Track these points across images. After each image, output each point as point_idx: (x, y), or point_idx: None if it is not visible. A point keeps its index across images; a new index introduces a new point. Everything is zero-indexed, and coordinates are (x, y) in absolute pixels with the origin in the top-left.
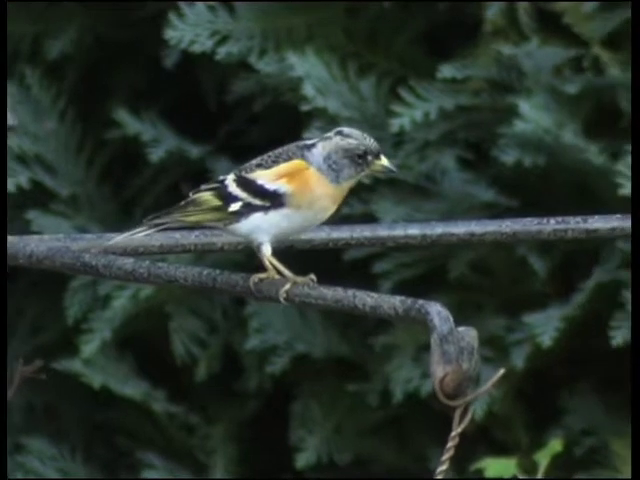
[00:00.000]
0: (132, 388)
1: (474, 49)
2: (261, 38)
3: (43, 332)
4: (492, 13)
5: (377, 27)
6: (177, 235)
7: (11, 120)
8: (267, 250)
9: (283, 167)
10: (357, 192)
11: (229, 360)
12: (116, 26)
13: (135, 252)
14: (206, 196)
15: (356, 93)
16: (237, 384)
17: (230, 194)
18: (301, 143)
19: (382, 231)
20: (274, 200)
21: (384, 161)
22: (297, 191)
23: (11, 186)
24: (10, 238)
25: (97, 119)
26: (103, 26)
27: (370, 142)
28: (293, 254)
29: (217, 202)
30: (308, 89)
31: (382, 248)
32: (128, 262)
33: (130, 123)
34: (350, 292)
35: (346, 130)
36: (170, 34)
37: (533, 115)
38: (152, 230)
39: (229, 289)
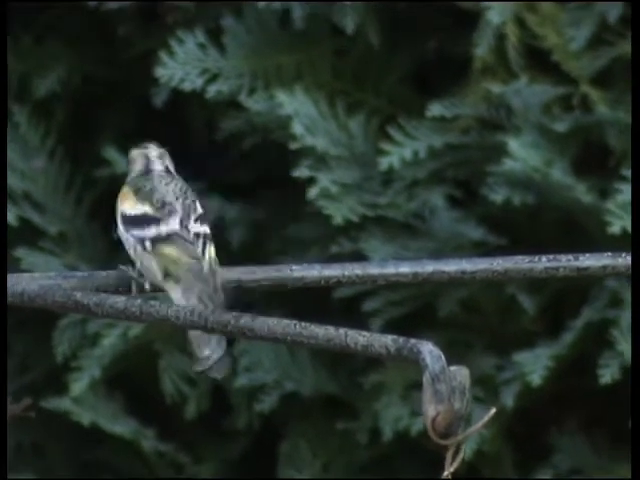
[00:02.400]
0: (121, 426)
1: (463, 87)
2: (250, 76)
3: (32, 370)
4: (481, 51)
5: (366, 65)
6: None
7: None
8: None
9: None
10: (346, 230)
11: (218, 398)
12: (104, 65)
13: (127, 290)
14: (212, 248)
15: (345, 131)
16: (226, 422)
17: (211, 237)
18: (157, 173)
19: (373, 269)
20: None
21: None
22: None
23: None
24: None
25: (86, 157)
26: (91, 65)
27: None
28: (284, 292)
29: (213, 250)
30: (297, 127)
31: (372, 286)
32: (120, 300)
33: (119, 161)
34: (342, 331)
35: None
36: (160, 72)
37: (522, 153)
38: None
39: (221, 328)
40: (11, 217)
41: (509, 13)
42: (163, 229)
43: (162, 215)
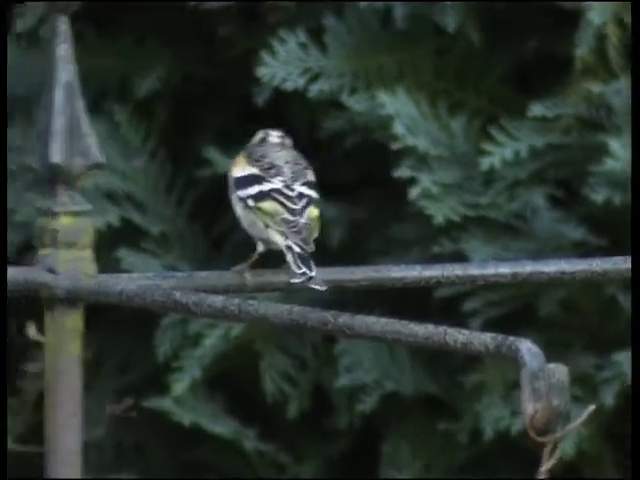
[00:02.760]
0: (222, 426)
1: (564, 87)
2: (352, 76)
3: (132, 370)
4: (582, 51)
5: (467, 65)
6: (268, 273)
7: (99, 157)
8: None
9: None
10: (447, 230)
11: (319, 398)
12: (205, 64)
13: (225, 290)
14: (313, 211)
15: (446, 131)
16: (327, 422)
17: (317, 200)
18: (277, 141)
19: (473, 269)
20: None
21: None
22: None
23: (101, 224)
24: (101, 276)
25: (187, 157)
26: (192, 64)
27: None
28: (383, 292)
29: (317, 212)
30: (398, 127)
31: (471, 287)
32: (218, 300)
33: (220, 161)
34: (441, 329)
35: None
36: (262, 71)
37: (623, 153)
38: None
39: (320, 327)
40: (113, 217)
41: (609, 13)
42: (266, 187)
43: (267, 175)
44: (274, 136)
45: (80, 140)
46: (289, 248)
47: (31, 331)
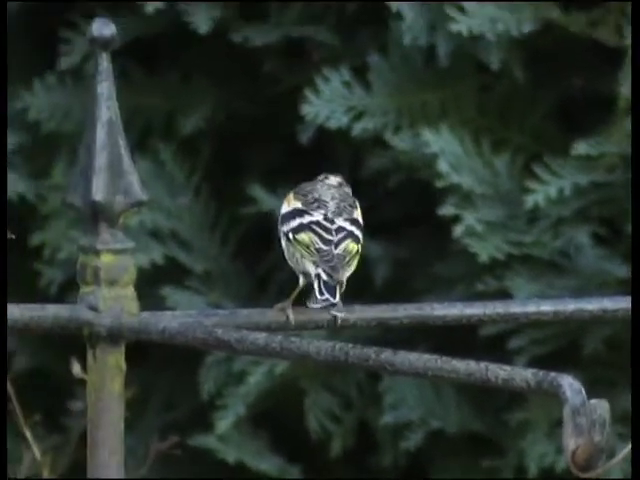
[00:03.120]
0: (267, 463)
1: (608, 125)
2: (396, 114)
3: (177, 407)
4: (626, 90)
5: (510, 102)
6: (310, 310)
7: (141, 195)
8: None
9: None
10: (491, 268)
11: (364, 435)
12: (250, 101)
13: (268, 328)
14: (351, 244)
15: (490, 169)
16: (372, 460)
17: (358, 238)
18: (328, 182)
19: (515, 307)
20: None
21: None
22: None
23: (145, 262)
24: (143, 314)
25: (231, 195)
26: (237, 101)
27: None
28: (428, 330)
29: (357, 246)
30: (442, 165)
31: (516, 325)
32: (261, 337)
33: (265, 199)
34: (483, 365)
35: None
36: (306, 109)
37: None
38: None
39: (361, 363)
40: (157, 256)
41: None
42: (306, 219)
43: (309, 209)
44: (332, 180)
45: (122, 177)
46: (317, 276)
47: (75, 369)
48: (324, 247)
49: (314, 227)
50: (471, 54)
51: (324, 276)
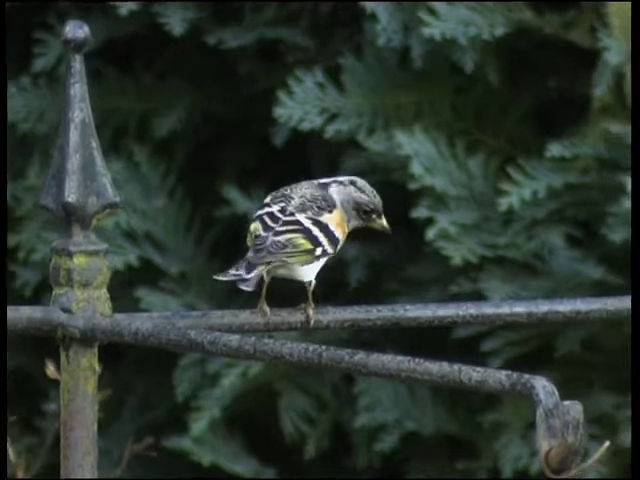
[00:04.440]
0: (241, 465)
1: (582, 127)
2: (370, 115)
3: (153, 409)
4: (600, 91)
5: (485, 104)
6: (283, 313)
7: (113, 197)
8: (313, 286)
9: (337, 216)
10: (465, 271)
11: (338, 437)
12: (225, 103)
13: (240, 329)
14: (299, 239)
15: (464, 171)
16: (346, 462)
17: (317, 238)
18: (315, 183)
19: (488, 308)
20: (335, 247)
21: (384, 221)
22: (342, 240)
23: (120, 264)
24: (116, 315)
25: (206, 196)
26: (212, 103)
27: (377, 200)
28: (400, 332)
29: (310, 246)
30: (416, 167)
31: (490, 327)
32: (234, 339)
33: (239, 201)
34: (456, 367)
35: (359, 182)
36: (279, 112)
37: None
38: (267, 267)
39: (335, 365)
40: (132, 258)
41: (627, 53)
42: (263, 210)
43: (273, 202)
44: (326, 180)
45: (95, 179)
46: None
47: (50, 370)
48: (263, 234)
49: (264, 217)
50: (445, 56)
51: (249, 255)
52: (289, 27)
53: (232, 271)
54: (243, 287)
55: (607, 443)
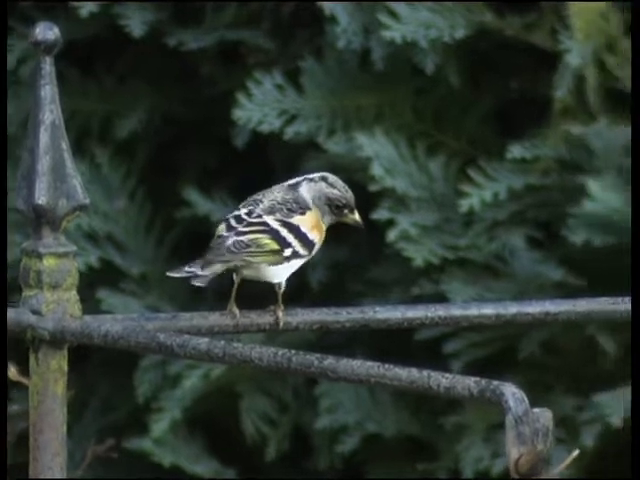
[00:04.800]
0: (202, 467)
1: (543, 129)
2: (330, 117)
3: (114, 411)
4: (561, 93)
5: (446, 106)
6: (253, 314)
7: (83, 199)
8: (283, 288)
9: (312, 217)
10: (427, 272)
11: (299, 439)
12: (186, 104)
13: (210, 331)
14: (264, 239)
15: (425, 173)
16: (307, 464)
17: (285, 239)
18: (286, 185)
19: (456, 310)
20: (310, 250)
21: (356, 216)
22: (319, 242)
23: (81, 265)
24: (85, 317)
25: (167, 198)
26: (173, 104)
27: (349, 195)
28: (366, 333)
29: (276, 246)
30: (377, 169)
31: (453, 328)
32: (203, 342)
33: (200, 203)
34: (425, 373)
35: (330, 178)
36: (238, 114)
37: (602, 195)
38: (224, 266)
39: (304, 369)
40: (93, 259)
41: (588, 54)
42: (231, 214)
43: (243, 207)
44: (295, 180)
45: (65, 181)
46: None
47: (11, 372)
48: (225, 234)
49: (230, 219)
50: (406, 58)
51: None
52: (250, 28)
53: (186, 268)
54: (196, 283)
55: (577, 451)
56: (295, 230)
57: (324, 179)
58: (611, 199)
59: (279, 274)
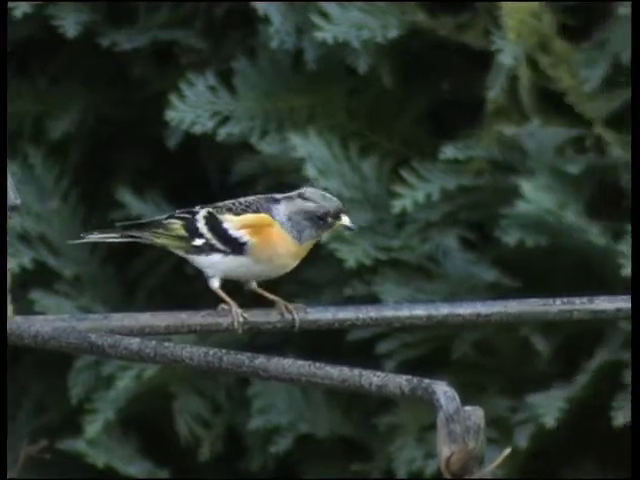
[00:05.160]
0: (136, 468)
1: (476, 129)
2: (263, 118)
3: (47, 412)
4: (493, 94)
5: (380, 107)
6: (183, 315)
7: (14, 199)
8: (214, 283)
9: (250, 218)
10: (360, 273)
11: (233, 440)
12: (119, 106)
13: (141, 332)
14: (176, 224)
15: (358, 173)
16: (241, 464)
17: (197, 229)
18: (269, 196)
19: (388, 311)
20: (235, 247)
21: (344, 220)
22: (259, 245)
23: (14, 266)
24: (16, 318)
25: (100, 199)
26: (106, 105)
27: (329, 204)
28: (299, 334)
29: (183, 233)
30: (310, 170)
31: (386, 329)
32: (134, 342)
33: (133, 204)
34: (356, 371)
35: (308, 192)
36: (171, 115)
37: (535, 196)
38: (123, 239)
39: (235, 369)
40: (26, 260)
41: (521, 54)
42: None
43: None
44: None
45: None
46: None
47: None
48: (157, 217)
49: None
50: (339, 59)
51: None
52: (183, 29)
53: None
54: (85, 239)
55: (508, 449)
56: (216, 225)
57: (301, 195)
58: (544, 200)
59: (204, 265)
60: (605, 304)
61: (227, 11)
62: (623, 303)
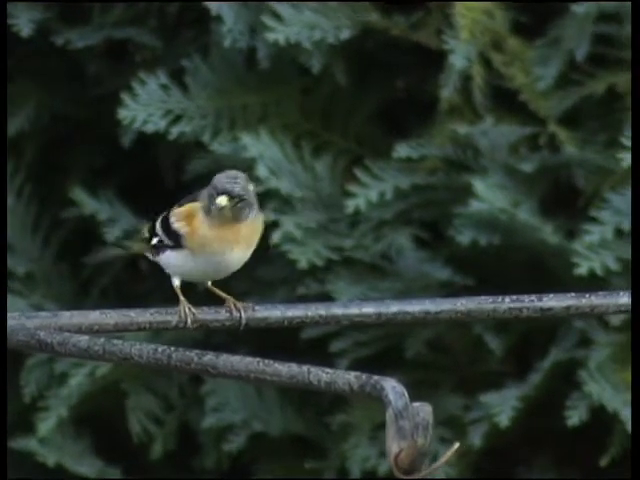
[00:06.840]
0: (87, 466)
1: (430, 128)
2: (215, 117)
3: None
4: (447, 92)
5: (333, 106)
6: (132, 313)
7: None
8: (174, 282)
9: (183, 209)
10: (313, 272)
11: (185, 438)
12: (73, 103)
13: (90, 330)
14: (144, 228)
15: (310, 173)
16: (194, 462)
17: (154, 228)
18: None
19: (337, 309)
20: (175, 240)
21: (218, 200)
22: (190, 234)
23: None
24: None
25: (54, 197)
26: (60, 103)
27: (222, 182)
28: (251, 333)
29: (146, 234)
30: (261, 170)
31: (339, 327)
32: (83, 339)
33: (87, 202)
34: (305, 368)
35: (225, 172)
36: (123, 114)
37: (488, 194)
38: (122, 252)
39: (184, 366)
40: None
41: (474, 53)
42: None
43: None
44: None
45: None
46: None
47: None
48: None
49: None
50: (292, 58)
51: None
52: (137, 27)
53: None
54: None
55: (456, 444)
56: (164, 219)
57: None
58: (497, 198)
59: (163, 264)
60: (554, 302)
61: (180, 9)
62: (572, 301)
